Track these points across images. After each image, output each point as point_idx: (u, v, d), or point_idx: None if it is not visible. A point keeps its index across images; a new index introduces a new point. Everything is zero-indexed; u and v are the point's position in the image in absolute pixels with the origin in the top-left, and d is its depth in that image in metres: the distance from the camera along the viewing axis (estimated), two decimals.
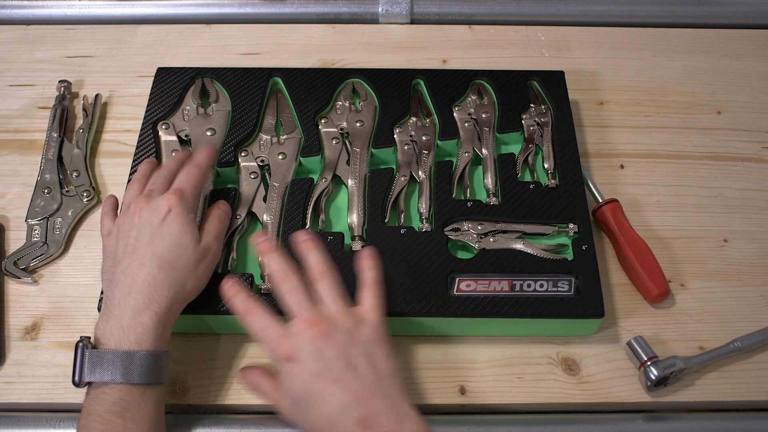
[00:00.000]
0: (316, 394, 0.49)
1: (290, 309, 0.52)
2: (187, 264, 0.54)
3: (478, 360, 0.59)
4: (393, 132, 0.70)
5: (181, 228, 0.55)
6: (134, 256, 0.54)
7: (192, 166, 0.60)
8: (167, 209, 0.55)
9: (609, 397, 0.58)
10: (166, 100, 0.71)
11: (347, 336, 0.51)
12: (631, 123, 0.76)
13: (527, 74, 0.74)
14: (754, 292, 0.64)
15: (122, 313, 0.51)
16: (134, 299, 0.52)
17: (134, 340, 0.51)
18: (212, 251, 0.57)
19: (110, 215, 0.60)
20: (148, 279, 0.52)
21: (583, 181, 0.66)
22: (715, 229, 0.68)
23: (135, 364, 0.50)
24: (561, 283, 0.59)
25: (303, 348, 0.50)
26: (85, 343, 0.51)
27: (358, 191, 0.65)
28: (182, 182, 0.58)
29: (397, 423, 0.47)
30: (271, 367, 0.55)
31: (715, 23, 0.87)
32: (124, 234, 0.55)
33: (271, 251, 0.55)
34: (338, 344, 0.50)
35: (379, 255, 0.58)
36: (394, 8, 0.86)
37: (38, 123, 0.76)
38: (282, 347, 0.50)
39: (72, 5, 0.87)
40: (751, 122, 0.77)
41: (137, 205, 0.56)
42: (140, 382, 0.50)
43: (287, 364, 0.50)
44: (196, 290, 0.56)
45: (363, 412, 0.47)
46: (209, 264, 0.56)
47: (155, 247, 0.53)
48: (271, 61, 0.82)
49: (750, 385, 0.59)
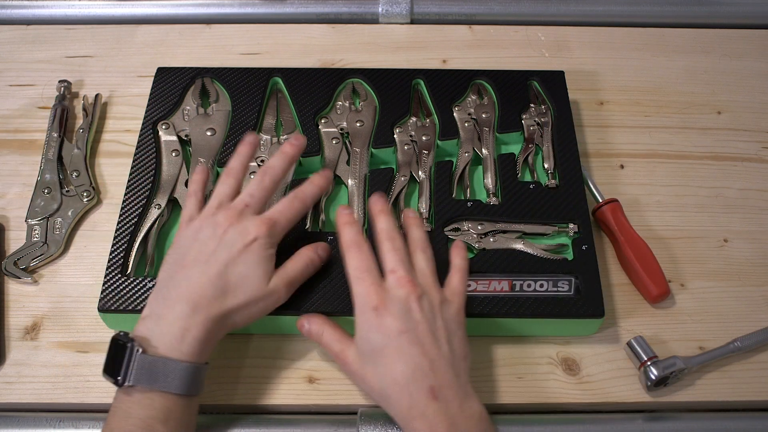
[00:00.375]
0: (394, 350, 0.49)
1: (389, 265, 0.53)
2: (248, 299, 0.53)
3: (478, 360, 0.59)
4: (393, 132, 0.70)
5: (259, 261, 0.53)
6: (204, 270, 0.52)
7: (295, 200, 0.57)
8: (254, 237, 0.53)
9: (609, 397, 0.58)
10: (166, 100, 0.71)
11: (435, 307, 0.52)
12: (631, 123, 0.76)
13: (527, 74, 0.74)
14: (754, 292, 0.64)
15: (175, 318, 0.50)
16: (190, 309, 0.51)
17: (186, 351, 0.50)
18: (276, 296, 0.54)
19: (198, 196, 0.58)
20: (209, 296, 0.51)
21: (583, 181, 0.66)
22: (715, 229, 0.68)
23: (184, 376, 0.49)
24: (561, 283, 0.59)
25: (393, 302, 0.50)
26: (136, 345, 0.49)
27: (358, 191, 0.65)
28: (280, 213, 0.56)
29: (462, 401, 0.49)
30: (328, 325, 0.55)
31: (715, 23, 0.87)
32: (204, 238, 0.54)
33: (384, 213, 0.56)
34: (425, 311, 0.51)
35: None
36: (394, 8, 0.86)
37: (38, 123, 0.76)
38: (372, 294, 0.51)
39: (72, 5, 0.87)
40: (751, 122, 0.77)
41: (228, 219, 0.54)
42: (186, 393, 0.49)
43: (371, 314, 0.50)
44: (243, 324, 0.54)
45: (435, 381, 0.48)
46: (268, 306, 0.54)
47: (227, 270, 0.52)
48: (271, 61, 0.82)
49: (750, 385, 0.59)
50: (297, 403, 0.57)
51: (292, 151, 0.60)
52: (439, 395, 0.48)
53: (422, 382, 0.48)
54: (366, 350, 0.51)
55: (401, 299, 0.51)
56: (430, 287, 0.53)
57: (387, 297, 0.51)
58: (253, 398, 0.57)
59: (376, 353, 0.50)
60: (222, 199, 0.56)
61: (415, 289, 0.51)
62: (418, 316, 0.50)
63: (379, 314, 0.50)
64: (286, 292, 0.55)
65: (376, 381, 0.50)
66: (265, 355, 0.60)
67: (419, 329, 0.50)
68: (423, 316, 0.50)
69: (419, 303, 0.51)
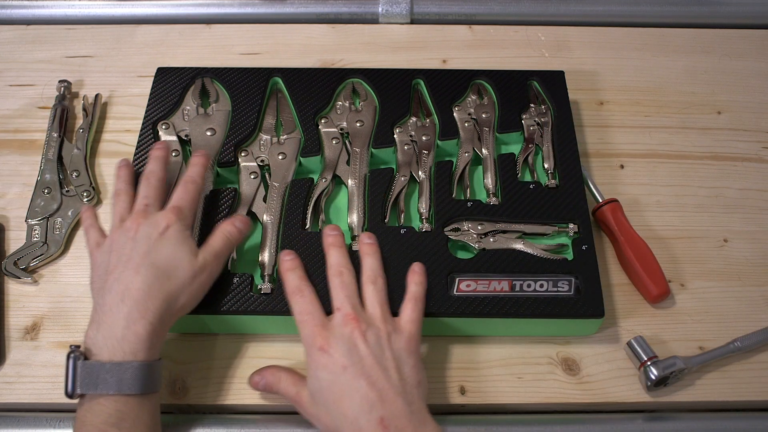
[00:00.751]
0: (341, 387, 0.49)
1: (336, 303, 0.54)
2: (183, 277, 0.53)
3: (478, 360, 0.59)
4: (393, 132, 0.70)
5: (179, 242, 0.55)
6: (128, 265, 0.53)
7: (188, 183, 0.59)
8: (166, 225, 0.55)
9: (609, 397, 0.58)
10: (166, 100, 0.71)
11: (382, 339, 0.52)
12: (631, 123, 0.76)
13: (527, 74, 0.74)
14: (754, 292, 0.64)
15: (115, 321, 0.51)
16: (127, 307, 0.51)
17: (129, 350, 0.50)
18: (209, 268, 0.55)
19: (96, 226, 0.59)
20: (143, 287, 0.52)
21: (583, 181, 0.66)
22: (715, 229, 0.68)
23: (131, 376, 0.49)
24: (561, 283, 0.59)
25: (337, 340, 0.51)
26: (77, 354, 0.50)
27: (358, 191, 0.65)
28: (180, 200, 0.58)
29: (416, 428, 0.48)
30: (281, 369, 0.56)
31: (715, 23, 0.87)
32: (119, 245, 0.55)
33: (334, 246, 0.58)
34: (371, 344, 0.51)
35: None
36: (394, 8, 0.86)
37: (38, 123, 0.76)
38: (317, 335, 0.52)
39: (72, 5, 0.87)
40: (751, 122, 0.77)
41: (135, 221, 0.56)
42: (136, 392, 0.49)
43: (318, 353, 0.51)
44: (189, 306, 0.55)
45: (385, 412, 0.48)
46: (205, 281, 0.55)
47: (152, 258, 0.53)
48: (271, 61, 0.82)
49: (750, 385, 0.59)
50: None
51: (160, 153, 0.62)
52: (390, 425, 0.48)
53: (371, 414, 0.48)
54: (316, 389, 0.51)
55: (345, 336, 0.51)
56: (377, 320, 0.53)
57: (331, 335, 0.52)
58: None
59: (325, 391, 0.50)
60: (122, 213, 0.58)
61: (359, 325, 0.52)
62: (364, 350, 0.50)
63: (324, 353, 0.51)
64: (217, 265, 0.56)
65: (329, 419, 0.50)
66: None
67: (365, 362, 0.50)
68: (368, 350, 0.51)
69: (364, 337, 0.51)
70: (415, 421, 0.48)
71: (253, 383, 0.56)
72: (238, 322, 0.59)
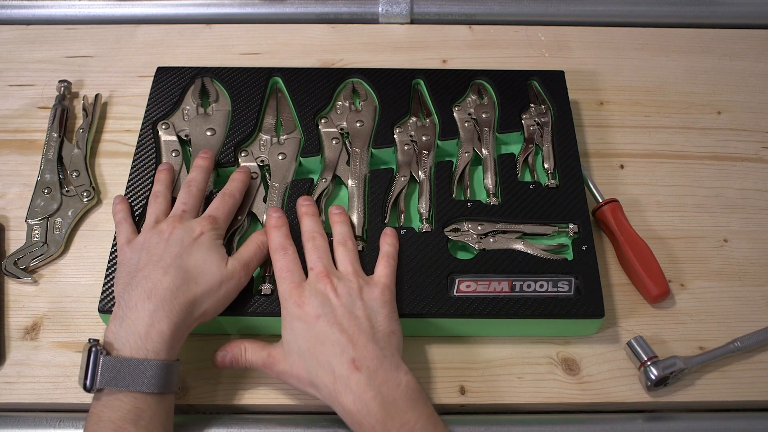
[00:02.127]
0: (314, 334, 0.52)
1: (310, 263, 0.57)
2: (210, 282, 0.54)
3: (478, 360, 0.59)
4: (393, 132, 0.70)
5: (210, 248, 0.56)
6: (159, 264, 0.54)
7: (227, 196, 0.61)
8: (200, 232, 0.57)
9: (609, 397, 0.58)
10: (166, 100, 0.71)
11: (353, 291, 0.54)
12: (631, 123, 0.76)
13: (527, 74, 0.74)
14: (754, 292, 0.64)
15: (139, 317, 0.51)
16: (153, 305, 0.51)
17: (152, 348, 0.50)
18: (237, 277, 0.56)
19: (129, 221, 0.60)
20: (171, 288, 0.52)
21: (583, 181, 0.66)
22: (715, 229, 0.68)
23: (152, 374, 0.49)
24: (561, 283, 0.59)
25: (311, 294, 0.54)
26: (99, 348, 0.50)
27: (358, 191, 0.65)
28: (216, 210, 0.60)
29: (388, 371, 0.50)
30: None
31: (715, 23, 0.87)
32: (151, 245, 0.56)
33: (307, 215, 0.60)
34: (343, 296, 0.54)
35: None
36: (394, 8, 0.86)
37: (38, 123, 0.76)
38: (293, 291, 0.54)
39: (72, 5, 0.87)
40: (751, 122, 0.77)
41: (171, 224, 0.57)
42: (156, 391, 0.49)
43: (293, 307, 0.53)
44: (212, 313, 0.55)
45: (356, 354, 0.50)
46: (231, 289, 0.56)
47: (182, 261, 0.54)
48: (271, 61, 0.82)
49: (750, 385, 0.59)
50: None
51: (205, 163, 0.64)
52: (361, 366, 0.50)
53: (342, 356, 0.50)
54: (290, 339, 0.53)
55: (318, 290, 0.54)
56: (349, 275, 0.56)
57: (306, 290, 0.54)
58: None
59: (299, 339, 0.52)
60: (158, 214, 0.59)
61: (331, 280, 0.55)
62: (335, 301, 0.53)
63: (298, 306, 0.53)
64: (245, 274, 0.57)
65: (303, 369, 0.52)
66: None
67: (337, 312, 0.53)
68: (339, 301, 0.53)
69: (336, 291, 0.54)
70: (387, 364, 0.51)
71: (219, 360, 0.56)
72: (239, 323, 0.59)
